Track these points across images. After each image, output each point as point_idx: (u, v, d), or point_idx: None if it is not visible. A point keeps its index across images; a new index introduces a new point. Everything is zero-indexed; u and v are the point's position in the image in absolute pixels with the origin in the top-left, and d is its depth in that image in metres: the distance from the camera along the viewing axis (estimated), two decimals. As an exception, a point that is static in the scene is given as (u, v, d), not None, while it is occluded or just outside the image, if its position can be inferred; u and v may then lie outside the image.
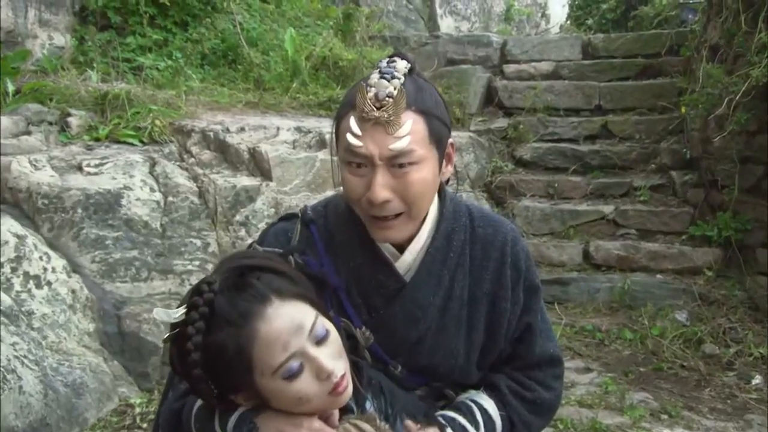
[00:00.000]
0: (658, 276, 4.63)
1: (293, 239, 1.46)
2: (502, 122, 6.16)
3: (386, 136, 1.26)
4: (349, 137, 1.27)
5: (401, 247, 1.43)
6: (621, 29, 8.15)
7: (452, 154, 1.42)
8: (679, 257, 4.67)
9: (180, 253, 3.45)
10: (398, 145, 1.26)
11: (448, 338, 1.45)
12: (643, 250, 4.75)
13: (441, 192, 1.47)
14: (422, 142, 1.30)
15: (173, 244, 3.44)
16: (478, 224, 1.50)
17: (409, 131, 1.27)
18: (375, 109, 1.25)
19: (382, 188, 1.27)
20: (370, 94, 1.25)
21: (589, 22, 8.91)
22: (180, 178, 3.64)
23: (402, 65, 1.31)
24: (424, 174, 1.32)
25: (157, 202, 3.46)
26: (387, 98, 1.25)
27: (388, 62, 1.31)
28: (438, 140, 1.35)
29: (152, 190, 3.48)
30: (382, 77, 1.27)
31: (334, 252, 1.45)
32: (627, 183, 5.37)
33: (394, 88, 1.26)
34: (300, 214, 1.51)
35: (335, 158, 1.39)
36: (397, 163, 1.28)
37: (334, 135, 1.36)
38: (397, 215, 1.33)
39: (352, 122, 1.27)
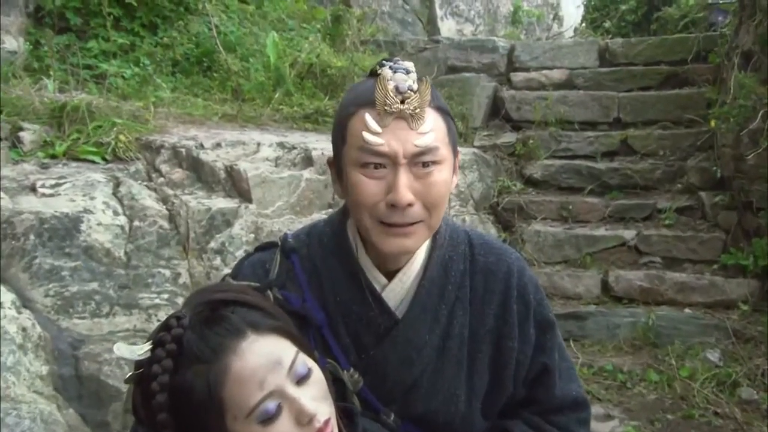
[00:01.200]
0: (687, 310, 4.63)
1: (272, 272, 1.46)
2: (509, 137, 6.20)
3: (409, 131, 1.28)
4: (367, 135, 1.28)
5: (391, 276, 1.44)
6: (642, 33, 8.22)
7: (457, 165, 1.44)
8: (710, 289, 4.68)
9: (146, 285, 3.43)
10: (424, 140, 1.29)
11: (446, 382, 1.45)
12: (669, 281, 4.76)
13: None
14: (443, 141, 1.33)
15: (139, 274, 3.42)
16: (478, 252, 1.51)
17: (433, 127, 1.30)
18: (398, 102, 1.27)
19: (407, 189, 1.28)
20: (391, 87, 1.27)
21: (607, 24, 8.98)
22: (147, 200, 3.63)
23: (409, 63, 1.33)
24: (446, 176, 1.34)
25: (121, 228, 3.45)
26: (409, 91, 1.27)
27: (394, 60, 1.34)
28: (454, 142, 1.38)
29: (116, 213, 3.47)
30: (396, 72, 1.30)
31: (318, 286, 1.45)
32: (650, 205, 5.39)
33: (414, 81, 1.29)
34: (279, 243, 1.51)
35: (323, 178, 1.40)
36: (420, 161, 1.30)
37: (338, 138, 1.37)
38: (414, 223, 1.34)
39: (369, 118, 1.28)
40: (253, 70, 5.95)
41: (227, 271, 1.64)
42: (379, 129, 1.27)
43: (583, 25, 10.03)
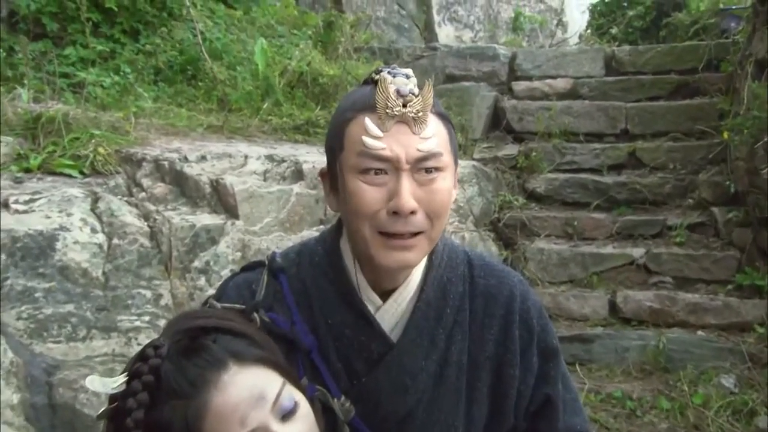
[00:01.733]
0: (700, 333, 4.62)
1: (258, 293, 1.45)
2: (511, 149, 6.23)
3: (412, 136, 1.30)
4: (368, 139, 1.29)
5: (386, 298, 1.44)
6: (651, 40, 8.28)
7: (457, 177, 1.45)
8: (724, 310, 4.67)
9: (126, 306, 3.42)
10: (427, 145, 1.31)
11: (443, 412, 1.44)
12: (681, 302, 4.76)
13: None
14: (446, 148, 1.35)
15: (118, 296, 3.41)
16: (478, 274, 1.51)
17: (436, 132, 1.33)
18: (400, 105, 1.29)
19: (410, 195, 1.29)
20: (392, 90, 1.29)
21: (614, 31, 9.03)
22: (128, 216, 3.62)
23: (407, 70, 1.36)
24: (449, 184, 1.35)
25: (100, 246, 3.44)
26: (411, 94, 1.30)
27: (391, 66, 1.37)
28: (455, 151, 1.40)
29: (93, 231, 3.46)
30: (396, 76, 1.32)
31: (308, 308, 1.45)
32: (660, 221, 5.40)
33: (415, 86, 1.32)
34: (267, 263, 1.50)
35: (314, 192, 1.40)
36: (423, 167, 1.31)
37: (334, 145, 1.37)
38: (416, 234, 1.34)
39: (369, 123, 1.30)
40: (241, 78, 5.96)
41: (212, 291, 1.63)
42: (380, 133, 1.29)
43: (589, 31, 10.10)
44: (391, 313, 1.43)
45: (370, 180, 1.31)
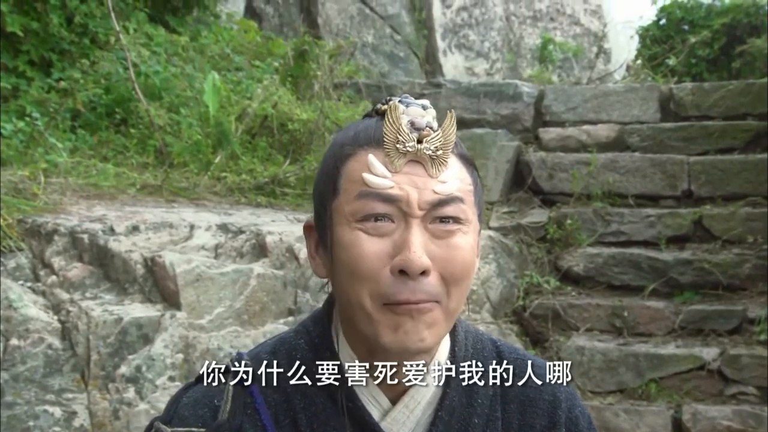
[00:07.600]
0: (796, 463, 4.59)
1: (222, 410, 1.41)
2: (538, 215, 6.26)
3: (428, 179, 1.31)
4: (369, 177, 1.30)
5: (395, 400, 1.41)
6: (721, 74, 8.36)
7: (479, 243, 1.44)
8: (827, 431, 4.65)
9: (26, 430, 3.37)
10: (447, 188, 1.31)
11: None
12: (769, 421, 4.73)
13: None
14: (469, 199, 1.35)
15: (15, 415, 3.38)
16: (512, 372, 1.50)
17: (459, 176, 1.33)
18: (414, 140, 1.29)
19: (423, 249, 1.29)
20: (404, 121, 1.30)
21: (672, 62, 9.07)
22: (31, 308, 3.61)
23: (424, 100, 1.37)
24: (472, 243, 1.35)
25: (-7, 348, 3.42)
26: (428, 128, 1.31)
27: (402, 96, 1.37)
28: (480, 206, 1.40)
29: (-16, 327, 3.44)
30: (409, 106, 1.33)
31: (291, 424, 1.41)
32: (738, 312, 5.38)
33: (433, 119, 1.33)
34: (231, 368, 1.47)
35: (281, 273, 1.38)
36: (440, 215, 1.31)
37: (326, 189, 1.36)
38: (428, 302, 1.32)
39: (374, 160, 1.30)
40: (186, 124, 5.99)
41: (143, 407, 1.58)
42: (387, 173, 1.30)
43: (639, 62, 10.15)
44: (401, 423, 1.41)
45: (370, 229, 1.30)
